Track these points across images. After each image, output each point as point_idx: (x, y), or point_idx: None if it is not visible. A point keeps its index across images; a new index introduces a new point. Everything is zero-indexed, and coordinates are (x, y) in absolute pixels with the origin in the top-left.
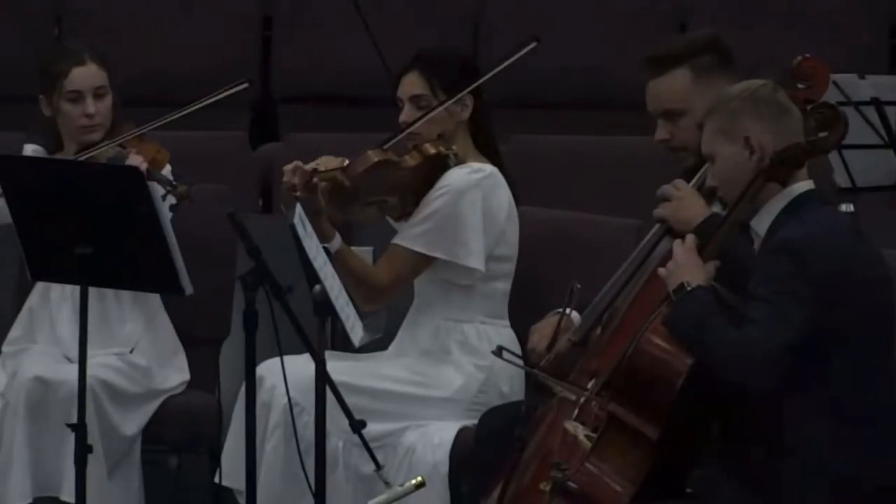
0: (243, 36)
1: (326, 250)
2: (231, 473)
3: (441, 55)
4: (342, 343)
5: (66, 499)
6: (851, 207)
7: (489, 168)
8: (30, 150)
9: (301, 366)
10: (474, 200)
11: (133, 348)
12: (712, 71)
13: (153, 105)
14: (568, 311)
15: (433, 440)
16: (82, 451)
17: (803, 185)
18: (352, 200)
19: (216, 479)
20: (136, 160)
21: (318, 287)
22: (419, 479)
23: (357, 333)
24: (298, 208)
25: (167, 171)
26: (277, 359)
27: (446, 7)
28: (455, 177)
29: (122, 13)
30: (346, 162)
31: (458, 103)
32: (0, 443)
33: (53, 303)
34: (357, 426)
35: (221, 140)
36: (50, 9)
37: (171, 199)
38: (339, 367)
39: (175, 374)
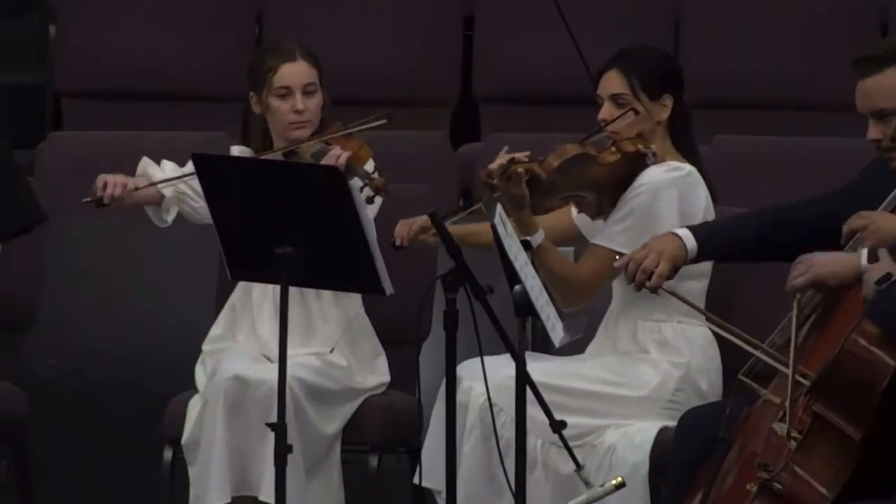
0: (445, 36)
1: (528, 243)
2: (431, 474)
3: (642, 54)
4: (542, 344)
5: (265, 499)
6: None
7: (687, 167)
8: (236, 151)
9: (498, 366)
10: (671, 198)
11: (333, 348)
12: None
13: (354, 104)
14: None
15: (634, 440)
16: (282, 451)
17: None
18: (548, 194)
19: (416, 480)
20: (337, 153)
21: (518, 287)
22: (619, 479)
23: (557, 334)
24: (499, 208)
25: (370, 164)
26: (475, 359)
27: (647, 4)
28: (652, 175)
29: (323, 13)
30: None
31: (658, 104)
32: (200, 442)
33: (255, 301)
34: (557, 426)
35: (422, 140)
36: (251, 9)
37: (368, 192)
38: (538, 367)
39: (375, 374)
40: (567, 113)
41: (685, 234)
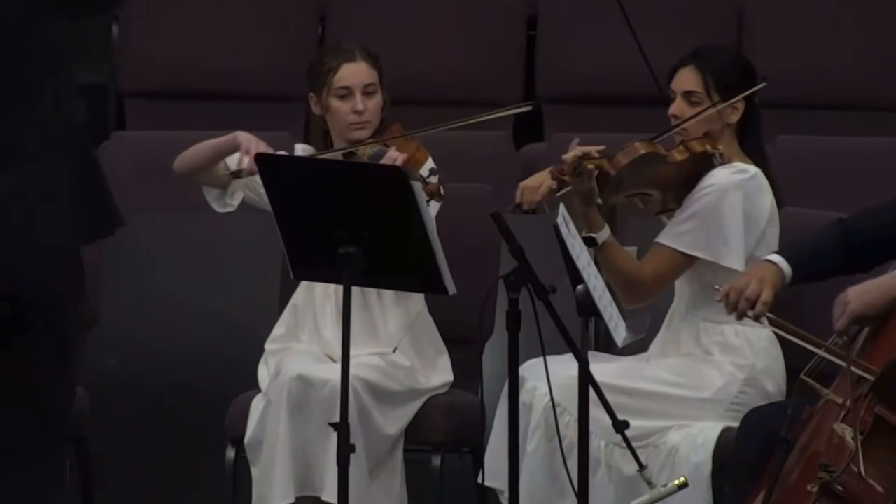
0: (508, 36)
1: (594, 240)
2: (494, 474)
3: (720, 54)
4: (605, 344)
5: (328, 499)
6: None
7: (753, 169)
8: (300, 149)
9: (562, 366)
10: (736, 200)
11: (395, 348)
12: None
13: (417, 105)
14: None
15: (696, 440)
16: (345, 451)
17: None
18: (615, 190)
19: (479, 480)
20: (393, 155)
21: (581, 287)
22: (682, 479)
23: (620, 334)
24: (562, 208)
25: (426, 167)
26: (539, 359)
27: (710, 3)
28: (719, 176)
29: (386, 14)
30: None
31: (730, 105)
32: (263, 442)
33: (317, 301)
34: (620, 426)
35: (485, 140)
36: (314, 9)
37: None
38: (601, 367)
39: (438, 374)
40: (630, 113)
41: (779, 259)
